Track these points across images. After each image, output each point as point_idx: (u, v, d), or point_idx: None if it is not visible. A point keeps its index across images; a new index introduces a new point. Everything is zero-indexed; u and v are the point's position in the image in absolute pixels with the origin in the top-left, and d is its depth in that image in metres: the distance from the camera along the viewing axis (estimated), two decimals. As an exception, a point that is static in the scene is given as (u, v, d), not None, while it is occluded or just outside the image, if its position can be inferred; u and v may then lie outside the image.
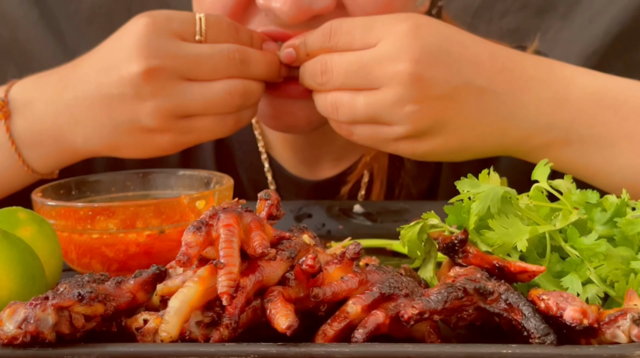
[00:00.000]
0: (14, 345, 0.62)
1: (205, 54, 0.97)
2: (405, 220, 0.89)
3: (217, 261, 0.64)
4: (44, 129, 1.02)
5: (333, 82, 0.96)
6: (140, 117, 0.97)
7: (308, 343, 0.63)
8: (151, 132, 0.98)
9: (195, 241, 0.65)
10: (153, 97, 0.95)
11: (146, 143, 0.99)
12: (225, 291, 0.62)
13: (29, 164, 1.04)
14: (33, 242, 0.77)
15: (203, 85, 0.97)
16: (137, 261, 0.87)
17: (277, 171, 1.25)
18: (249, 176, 1.26)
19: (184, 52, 0.96)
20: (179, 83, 0.96)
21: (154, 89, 0.95)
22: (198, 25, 0.97)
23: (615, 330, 0.63)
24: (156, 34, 0.96)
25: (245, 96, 0.99)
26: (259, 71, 1.00)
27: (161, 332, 0.63)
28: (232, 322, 0.63)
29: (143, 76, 0.95)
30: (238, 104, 0.99)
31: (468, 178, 0.76)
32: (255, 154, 1.25)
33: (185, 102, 0.96)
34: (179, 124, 0.98)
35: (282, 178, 1.25)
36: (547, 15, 1.63)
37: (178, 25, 0.97)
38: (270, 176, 1.25)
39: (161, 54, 0.95)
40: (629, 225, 0.73)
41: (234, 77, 0.98)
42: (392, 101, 0.94)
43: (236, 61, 0.97)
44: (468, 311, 0.66)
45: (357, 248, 0.68)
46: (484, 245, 0.73)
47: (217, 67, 0.97)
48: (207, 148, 1.26)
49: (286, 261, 0.68)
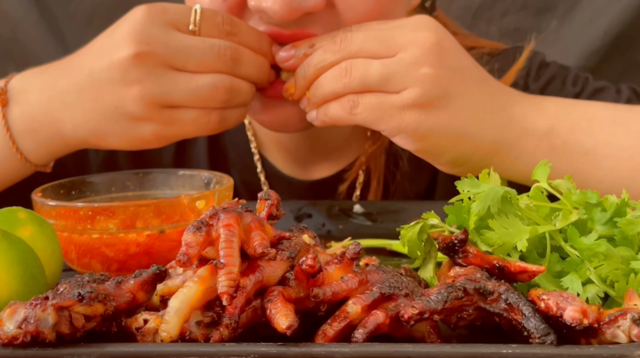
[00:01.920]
0: (14, 345, 0.62)
1: (195, 46, 0.97)
2: (405, 220, 0.88)
3: (217, 261, 0.64)
4: (37, 115, 1.02)
5: (351, 48, 0.96)
6: (126, 103, 0.97)
7: (308, 343, 0.63)
8: (135, 120, 0.98)
9: (195, 241, 0.65)
10: (139, 83, 0.96)
11: (130, 132, 0.99)
12: (225, 291, 0.62)
13: (23, 152, 1.04)
14: (33, 242, 0.77)
15: (189, 76, 0.97)
16: (137, 261, 0.87)
17: (270, 172, 1.25)
18: (242, 177, 1.26)
19: (174, 41, 0.96)
20: (165, 71, 0.96)
21: (140, 74, 0.96)
22: (193, 16, 0.98)
23: (615, 330, 0.63)
24: (150, 21, 0.96)
25: (232, 92, 0.98)
26: (248, 71, 1.00)
27: (161, 331, 0.63)
28: (232, 322, 0.63)
29: (131, 60, 0.95)
30: (223, 100, 0.98)
31: (468, 177, 0.76)
32: (248, 156, 1.25)
33: (170, 91, 0.96)
34: (163, 113, 0.98)
35: (276, 179, 1.25)
36: (547, 15, 1.64)
37: (173, 16, 0.98)
38: (263, 177, 1.25)
39: (151, 41, 0.95)
40: (629, 225, 0.73)
41: (222, 73, 0.98)
42: (408, 62, 0.95)
43: (226, 57, 0.97)
44: (468, 311, 0.66)
45: (357, 248, 0.68)
46: (484, 245, 0.73)
47: (205, 60, 0.97)
48: (201, 148, 1.26)
49: (286, 261, 0.68)
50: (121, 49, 0.96)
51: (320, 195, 1.22)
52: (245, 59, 0.99)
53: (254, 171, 1.25)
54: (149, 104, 0.97)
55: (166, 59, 0.96)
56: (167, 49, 0.96)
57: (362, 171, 1.23)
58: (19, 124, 1.03)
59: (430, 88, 0.95)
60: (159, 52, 0.95)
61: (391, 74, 0.95)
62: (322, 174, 1.24)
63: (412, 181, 1.24)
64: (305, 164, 1.24)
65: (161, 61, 0.96)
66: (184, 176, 1.00)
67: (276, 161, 1.25)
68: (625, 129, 1.02)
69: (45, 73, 1.05)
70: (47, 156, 1.07)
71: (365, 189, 1.23)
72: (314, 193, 1.23)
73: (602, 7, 1.61)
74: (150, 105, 0.97)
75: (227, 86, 0.98)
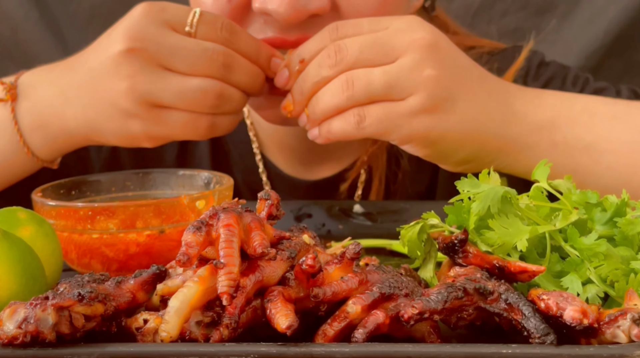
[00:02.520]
0: (14, 345, 0.62)
1: (188, 47, 0.96)
2: (405, 220, 0.88)
3: (217, 261, 0.64)
4: (44, 111, 1.03)
5: (348, 59, 0.95)
6: (119, 98, 0.97)
7: (308, 343, 0.63)
8: (127, 117, 0.98)
9: (195, 241, 0.65)
10: (129, 78, 0.96)
11: (123, 128, 0.99)
12: (225, 291, 0.62)
13: (31, 147, 1.04)
14: (33, 242, 0.77)
15: (180, 77, 0.97)
16: (137, 261, 0.87)
17: (272, 172, 1.25)
18: (244, 177, 1.26)
19: (168, 40, 0.96)
20: (156, 69, 0.96)
21: (132, 69, 0.96)
22: (190, 18, 0.97)
23: (615, 330, 0.63)
24: (147, 19, 0.97)
25: (222, 99, 0.98)
26: (241, 79, 0.99)
27: (161, 331, 0.63)
28: (232, 322, 0.63)
29: (124, 55, 0.96)
30: (213, 105, 0.98)
31: (468, 177, 0.76)
32: (250, 156, 1.25)
33: (159, 89, 0.96)
34: (152, 112, 0.97)
35: (277, 179, 1.25)
36: (547, 15, 1.64)
37: (171, 16, 0.98)
38: (265, 177, 1.25)
39: (145, 37, 0.96)
40: (629, 225, 0.73)
41: (214, 79, 0.97)
42: (410, 66, 0.94)
43: (218, 62, 0.97)
44: (468, 311, 0.66)
45: (357, 248, 0.68)
46: (484, 245, 0.73)
47: (196, 63, 0.96)
48: (204, 148, 1.26)
49: (286, 261, 0.68)
50: (116, 44, 0.96)
51: (322, 195, 1.22)
52: (239, 67, 0.98)
53: (255, 171, 1.25)
54: (139, 101, 0.97)
55: (158, 57, 0.96)
56: (159, 47, 0.96)
57: (363, 170, 1.23)
58: (27, 119, 1.04)
59: (435, 91, 0.94)
60: (151, 50, 0.95)
61: (394, 80, 0.94)
62: (323, 174, 1.24)
63: (413, 180, 1.24)
64: (307, 164, 1.24)
65: (152, 58, 0.96)
66: (184, 176, 1.00)
67: (278, 161, 1.25)
68: (625, 125, 1.02)
69: (53, 70, 1.06)
70: (55, 152, 1.07)
71: (366, 189, 1.23)
72: (315, 193, 1.23)
73: (602, 7, 1.61)
74: (140, 102, 0.97)
75: (217, 91, 0.97)
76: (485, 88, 1.00)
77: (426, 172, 1.24)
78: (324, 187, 1.23)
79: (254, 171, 1.25)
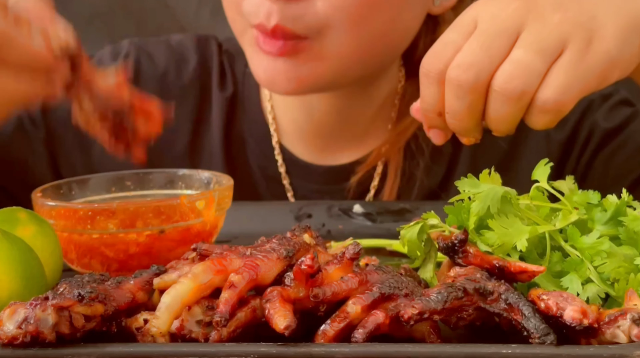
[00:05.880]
0: (14, 345, 0.62)
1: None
2: (405, 220, 0.88)
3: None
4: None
5: (482, 79, 0.79)
6: None
7: (308, 343, 0.63)
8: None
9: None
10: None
11: None
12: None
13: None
14: (33, 242, 0.77)
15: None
16: (137, 261, 0.87)
17: (287, 156, 1.25)
18: (259, 162, 1.26)
19: None
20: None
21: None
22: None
23: (615, 330, 0.63)
24: None
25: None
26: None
27: (151, 327, 0.63)
28: (222, 320, 0.63)
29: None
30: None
31: (468, 177, 0.76)
32: (266, 140, 1.25)
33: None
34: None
35: (293, 163, 1.25)
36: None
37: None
38: (281, 160, 1.25)
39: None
40: (634, 220, 0.73)
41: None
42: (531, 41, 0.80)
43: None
44: (468, 311, 0.66)
45: (357, 248, 0.68)
46: (484, 245, 0.73)
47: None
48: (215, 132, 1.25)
49: (282, 260, 0.68)
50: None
51: (337, 181, 1.22)
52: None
53: (271, 156, 1.25)
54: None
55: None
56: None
57: (380, 161, 1.23)
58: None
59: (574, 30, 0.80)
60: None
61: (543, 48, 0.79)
62: (340, 161, 1.24)
63: (428, 173, 1.23)
64: (324, 150, 1.24)
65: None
66: (184, 176, 1.00)
67: (294, 146, 1.25)
68: None
69: None
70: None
71: (382, 181, 1.23)
72: (330, 179, 1.23)
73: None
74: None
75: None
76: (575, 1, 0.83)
77: (442, 163, 1.23)
78: (339, 174, 1.23)
79: (269, 155, 1.25)
